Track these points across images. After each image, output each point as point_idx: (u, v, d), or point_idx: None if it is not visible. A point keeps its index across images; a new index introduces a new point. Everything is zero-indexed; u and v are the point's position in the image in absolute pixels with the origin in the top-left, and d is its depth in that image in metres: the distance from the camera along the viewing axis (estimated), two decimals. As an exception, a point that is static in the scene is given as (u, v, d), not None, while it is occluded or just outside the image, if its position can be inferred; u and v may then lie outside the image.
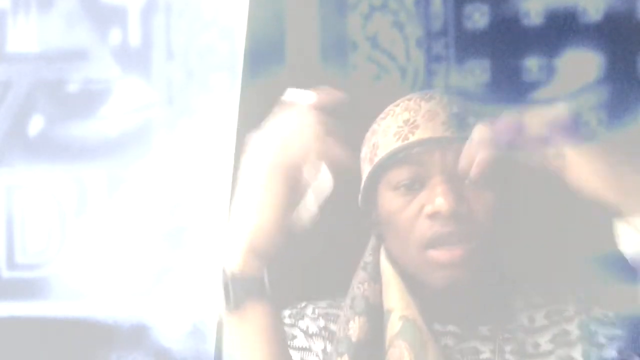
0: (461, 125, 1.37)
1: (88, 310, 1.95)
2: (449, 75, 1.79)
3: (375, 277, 1.42)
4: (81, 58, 1.98)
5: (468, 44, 1.78)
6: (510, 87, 1.76)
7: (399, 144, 1.38)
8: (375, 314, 1.40)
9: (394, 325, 1.37)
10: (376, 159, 1.41)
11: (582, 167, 1.29)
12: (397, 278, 1.40)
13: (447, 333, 1.41)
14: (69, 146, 1.98)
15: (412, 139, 1.37)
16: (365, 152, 1.45)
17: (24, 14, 2.00)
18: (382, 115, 1.45)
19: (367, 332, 1.39)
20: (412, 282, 1.40)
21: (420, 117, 1.38)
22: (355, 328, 1.39)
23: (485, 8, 1.78)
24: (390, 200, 1.39)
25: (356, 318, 1.40)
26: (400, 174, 1.37)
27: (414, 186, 1.37)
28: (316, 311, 1.46)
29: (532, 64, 1.76)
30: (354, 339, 1.39)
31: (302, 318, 1.46)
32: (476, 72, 1.78)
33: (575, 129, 1.31)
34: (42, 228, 2.00)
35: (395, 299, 1.39)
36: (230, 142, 1.79)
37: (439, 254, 1.34)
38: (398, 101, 1.43)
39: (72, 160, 1.98)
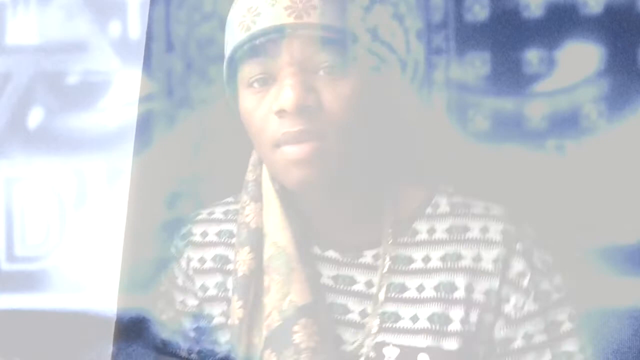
0: (305, 9, 1.26)
1: (88, 303, 1.96)
2: (449, 67, 1.79)
3: (256, 196, 1.37)
4: (81, 50, 1.98)
5: (468, 36, 1.78)
6: (511, 80, 1.76)
7: (242, 35, 1.28)
8: (259, 239, 1.34)
9: (267, 252, 1.32)
10: (226, 59, 1.33)
11: None
12: (276, 196, 1.34)
13: (325, 259, 1.35)
14: (68, 138, 1.98)
15: (254, 28, 1.27)
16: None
17: (24, 6, 2.00)
18: (234, 4, 1.35)
19: (255, 262, 1.33)
20: (289, 197, 1.34)
21: (262, 2, 1.27)
22: (241, 261, 1.34)
23: (485, 0, 1.78)
24: (245, 99, 1.31)
25: (241, 250, 1.35)
26: (251, 69, 1.29)
27: (267, 81, 1.28)
28: (207, 235, 1.44)
29: (532, 56, 1.76)
30: (240, 273, 1.33)
31: (185, 247, 1.46)
32: (476, 65, 1.77)
33: None
34: (42, 220, 2.00)
35: (271, 222, 1.33)
36: (230, 134, 1.79)
37: (289, 151, 1.26)
38: None
39: (72, 152, 1.98)
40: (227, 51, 1.32)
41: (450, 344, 1.28)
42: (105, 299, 1.92)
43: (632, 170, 1.70)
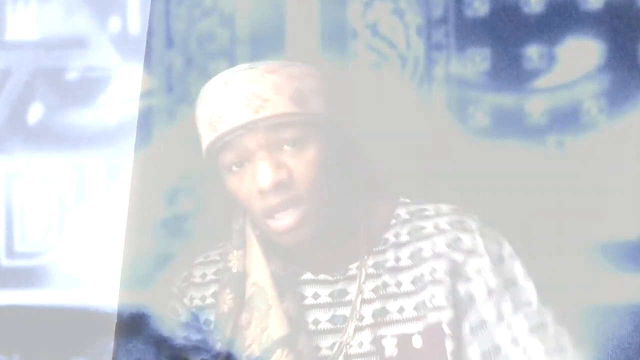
0: (260, 104, 1.47)
1: (88, 299, 1.96)
2: (449, 63, 1.79)
3: (239, 244, 1.56)
4: (81, 46, 1.98)
5: (468, 32, 1.78)
6: (511, 75, 1.76)
7: (213, 135, 1.49)
8: (239, 282, 1.53)
9: (248, 291, 1.52)
10: (203, 149, 1.52)
11: None
12: (257, 242, 1.54)
13: (319, 281, 1.55)
14: (68, 134, 1.98)
15: (222, 129, 1.47)
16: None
17: (23, 2, 2.00)
18: (198, 101, 1.54)
19: (234, 301, 1.53)
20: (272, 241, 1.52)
21: (223, 104, 1.48)
22: (222, 301, 1.53)
23: (485, -4, 1.78)
24: (229, 181, 1.50)
25: (222, 292, 1.54)
26: (226, 157, 1.49)
27: (244, 163, 1.48)
28: (206, 276, 1.59)
29: (532, 52, 1.76)
30: (220, 312, 1.53)
31: (188, 287, 1.60)
32: (476, 60, 1.77)
33: None
34: (42, 216, 2.00)
35: (252, 264, 1.53)
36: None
37: (275, 224, 1.46)
38: (203, 89, 1.53)
39: (72, 148, 1.98)
40: (203, 145, 1.52)
41: (435, 320, 1.49)
42: (105, 295, 1.92)
43: (632, 166, 1.71)
